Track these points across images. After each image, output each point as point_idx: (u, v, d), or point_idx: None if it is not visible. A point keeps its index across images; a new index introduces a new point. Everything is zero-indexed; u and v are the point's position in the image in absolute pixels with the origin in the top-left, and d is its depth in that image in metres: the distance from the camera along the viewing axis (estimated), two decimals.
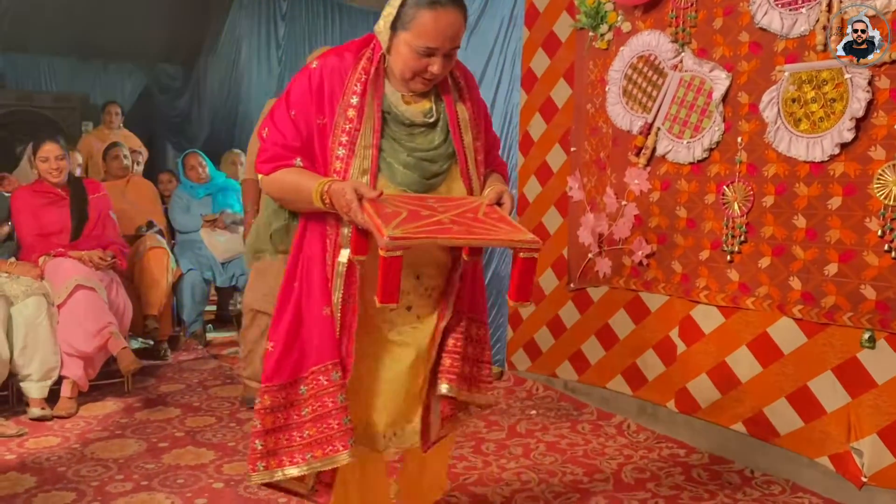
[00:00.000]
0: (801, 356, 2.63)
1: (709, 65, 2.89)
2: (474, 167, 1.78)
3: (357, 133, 1.69)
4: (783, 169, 2.65)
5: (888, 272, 2.36)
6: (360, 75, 1.73)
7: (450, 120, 1.77)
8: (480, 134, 1.83)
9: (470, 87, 1.84)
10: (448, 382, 1.82)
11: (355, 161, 1.69)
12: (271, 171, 1.73)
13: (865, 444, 2.43)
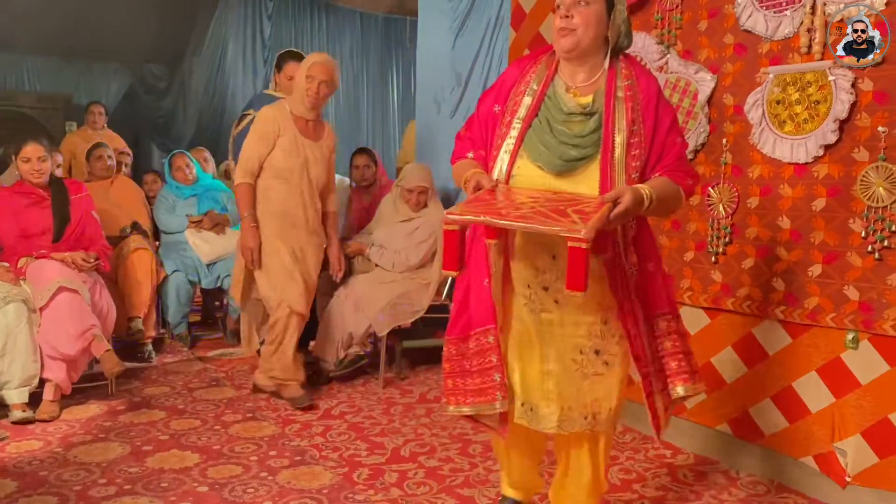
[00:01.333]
0: (786, 357, 2.64)
1: (694, 66, 2.90)
2: (621, 162, 1.87)
3: (516, 111, 1.95)
4: (768, 170, 2.66)
5: (871, 273, 2.37)
6: (537, 68, 2.00)
7: (605, 116, 1.90)
8: (641, 138, 1.91)
9: (645, 94, 1.94)
10: (683, 383, 2.01)
11: (507, 140, 1.94)
12: (452, 162, 2.08)
13: (849, 444, 2.45)
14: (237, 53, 7.75)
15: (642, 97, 1.93)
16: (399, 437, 3.16)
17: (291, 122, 3.48)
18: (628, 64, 1.97)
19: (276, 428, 3.25)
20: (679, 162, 1.96)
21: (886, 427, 2.35)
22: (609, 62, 1.95)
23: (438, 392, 3.83)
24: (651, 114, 1.93)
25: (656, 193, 1.85)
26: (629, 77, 1.94)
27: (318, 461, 2.88)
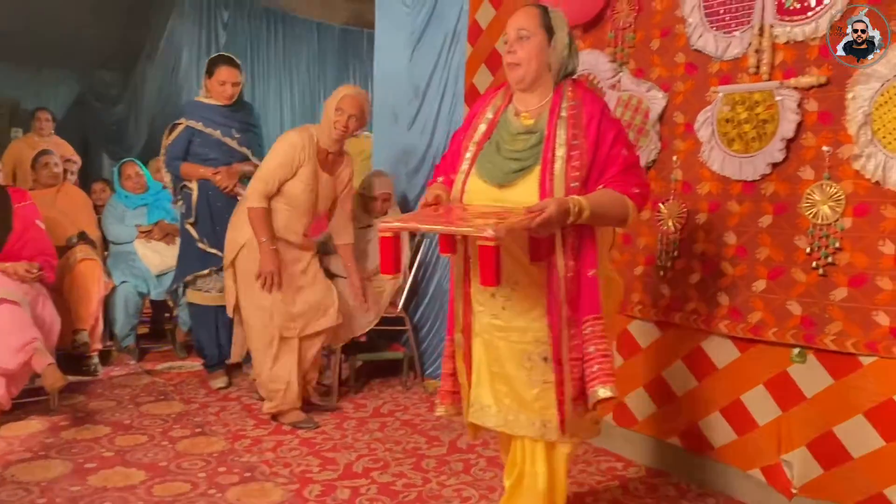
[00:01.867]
0: (734, 371, 2.69)
1: (646, 84, 2.95)
2: (560, 174, 2.01)
3: (472, 136, 2.17)
4: (716, 187, 2.72)
5: (815, 289, 2.43)
6: (495, 99, 2.22)
7: (547, 133, 2.05)
8: (582, 152, 2.03)
9: (588, 113, 2.06)
10: (603, 385, 2.02)
11: (463, 162, 2.15)
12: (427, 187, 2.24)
13: (795, 456, 2.50)
14: (191, 61, 7.63)
15: (585, 116, 2.06)
16: (352, 453, 3.12)
17: (315, 154, 3.44)
18: (574, 87, 2.12)
19: (226, 443, 3.19)
20: (624, 173, 2.05)
21: (831, 439, 2.41)
22: (556, 85, 2.12)
23: (393, 406, 3.81)
24: (593, 130, 2.04)
25: (591, 204, 1.96)
26: (574, 98, 2.09)
27: (268, 477, 2.83)
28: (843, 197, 2.36)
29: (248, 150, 4.02)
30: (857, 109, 2.31)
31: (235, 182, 3.95)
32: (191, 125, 3.92)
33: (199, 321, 4.10)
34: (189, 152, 3.95)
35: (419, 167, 4.24)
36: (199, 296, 4.03)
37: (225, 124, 3.97)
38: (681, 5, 2.81)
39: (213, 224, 3.93)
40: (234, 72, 3.95)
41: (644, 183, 2.11)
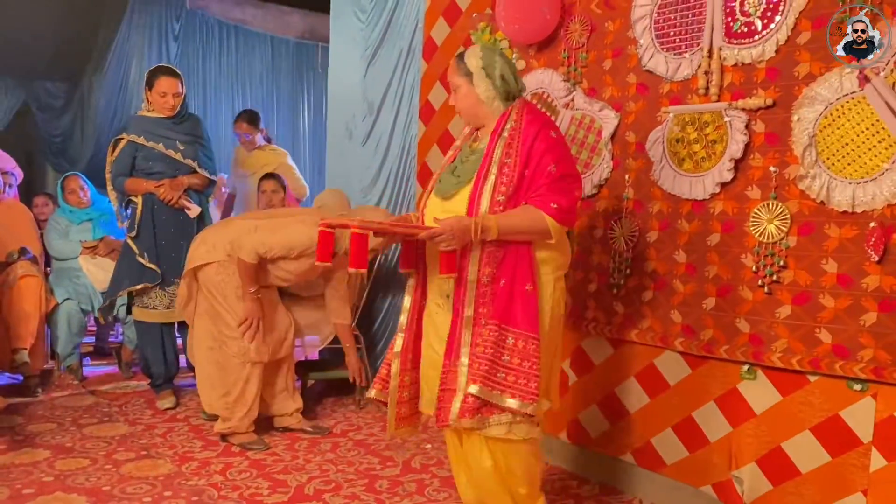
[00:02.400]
0: (686, 387, 2.72)
1: (598, 104, 2.98)
2: (489, 190, 2.20)
3: (443, 163, 2.47)
4: (667, 206, 2.75)
5: (761, 307, 2.47)
6: (466, 130, 2.47)
7: (486, 152, 2.26)
8: (511, 170, 2.21)
9: (524, 133, 2.23)
10: (512, 398, 2.15)
11: (430, 184, 2.44)
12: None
13: (745, 471, 2.53)
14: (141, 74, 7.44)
15: (521, 135, 2.23)
16: (303, 475, 3.06)
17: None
18: (519, 108, 2.29)
19: (173, 466, 3.09)
20: (549, 187, 2.19)
21: (779, 455, 2.44)
22: (505, 109, 2.30)
23: (346, 426, 3.75)
24: (526, 148, 2.21)
25: (501, 222, 2.16)
26: (516, 120, 2.27)
27: (216, 501, 2.75)
28: (788, 216, 2.41)
29: (193, 161, 3.95)
30: (802, 131, 2.37)
31: (180, 194, 3.87)
32: (132, 139, 3.85)
33: (145, 339, 4.00)
34: (134, 167, 3.87)
35: (374, 183, 4.21)
36: (145, 313, 3.93)
37: (168, 137, 3.89)
38: (632, 27, 2.85)
39: (156, 238, 3.86)
40: (175, 82, 3.88)
41: (568, 198, 2.20)
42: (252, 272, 3.32)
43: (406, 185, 4.02)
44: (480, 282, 2.19)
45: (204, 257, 3.40)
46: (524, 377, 2.15)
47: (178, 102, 3.88)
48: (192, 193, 3.96)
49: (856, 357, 2.25)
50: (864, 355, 2.23)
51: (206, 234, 3.51)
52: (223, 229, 3.49)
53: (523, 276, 2.19)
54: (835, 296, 2.30)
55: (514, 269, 2.20)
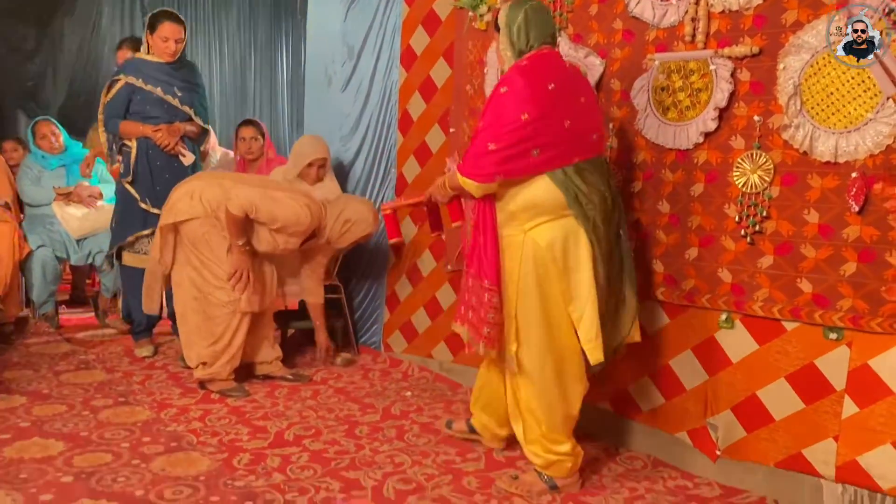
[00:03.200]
0: (664, 336, 2.74)
1: (584, 50, 2.93)
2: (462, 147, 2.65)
3: None
4: (651, 155, 2.74)
5: (743, 256, 2.48)
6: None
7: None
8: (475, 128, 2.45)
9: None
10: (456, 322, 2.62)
11: None
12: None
13: (720, 419, 2.57)
14: (114, 16, 7.26)
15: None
16: (283, 421, 3.06)
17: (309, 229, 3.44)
18: (513, 65, 2.42)
19: (151, 413, 3.09)
20: (470, 147, 2.41)
21: (754, 403, 2.48)
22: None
23: (326, 374, 3.76)
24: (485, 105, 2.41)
25: (448, 178, 2.53)
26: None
27: (195, 447, 2.76)
28: (771, 166, 2.40)
29: (190, 108, 3.86)
30: (787, 80, 2.35)
31: (177, 140, 3.80)
32: (130, 82, 3.73)
33: (130, 284, 3.93)
34: (129, 110, 3.78)
35: (354, 130, 4.14)
36: (136, 258, 3.85)
37: (167, 82, 3.79)
38: None
39: (154, 184, 3.78)
40: (179, 28, 3.76)
41: (471, 153, 2.39)
42: (240, 225, 3.28)
43: (387, 133, 3.96)
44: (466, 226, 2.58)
45: (188, 212, 3.33)
46: (479, 320, 2.42)
47: (179, 49, 3.78)
48: (186, 141, 3.89)
49: (835, 306, 2.27)
50: (842, 304, 2.26)
51: (190, 187, 3.42)
52: (211, 185, 3.39)
53: (491, 232, 2.41)
54: (816, 246, 2.31)
55: (484, 224, 2.41)
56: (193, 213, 3.33)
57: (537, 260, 2.36)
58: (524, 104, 2.29)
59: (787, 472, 2.42)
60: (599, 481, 2.58)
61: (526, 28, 2.39)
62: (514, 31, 2.40)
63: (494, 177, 2.34)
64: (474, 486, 2.50)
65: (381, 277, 4.05)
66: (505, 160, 2.31)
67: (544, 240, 2.35)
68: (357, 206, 3.55)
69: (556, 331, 2.40)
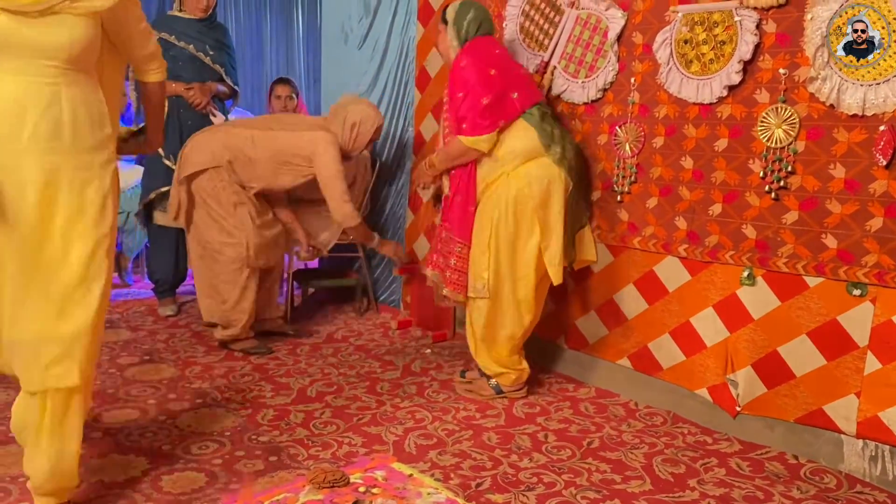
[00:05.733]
0: (685, 293, 2.73)
1: (605, 3, 2.87)
2: (441, 127, 2.94)
3: None
4: (673, 110, 2.69)
5: (767, 213, 2.45)
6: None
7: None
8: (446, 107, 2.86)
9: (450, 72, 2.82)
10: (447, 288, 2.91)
11: None
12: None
13: (740, 375, 2.57)
14: None
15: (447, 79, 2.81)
16: (305, 378, 3.11)
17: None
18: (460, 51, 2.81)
19: (176, 370, 3.14)
20: (456, 112, 2.74)
21: (775, 359, 2.47)
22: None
23: (346, 332, 3.79)
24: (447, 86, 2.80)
25: (437, 156, 2.87)
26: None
27: (220, 403, 2.80)
28: (797, 120, 2.36)
29: (221, 68, 3.85)
30: (814, 31, 2.29)
31: (208, 100, 3.79)
32: (163, 37, 3.70)
33: (158, 244, 3.97)
34: None
35: (371, 88, 4.11)
36: (166, 217, 3.87)
37: (199, 39, 3.77)
38: None
39: (182, 142, 3.77)
40: None
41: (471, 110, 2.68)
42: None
43: (405, 90, 3.93)
44: (447, 196, 2.88)
45: (201, 163, 3.33)
46: (457, 275, 2.82)
47: (211, 4, 3.76)
48: (216, 102, 3.89)
49: (860, 262, 2.25)
50: (867, 260, 2.23)
51: (201, 140, 3.42)
52: (221, 136, 3.40)
53: (469, 196, 2.79)
54: (842, 201, 2.28)
55: (465, 190, 2.79)
56: (203, 164, 3.33)
57: (518, 196, 2.71)
58: (487, 66, 2.72)
59: (806, 427, 2.43)
60: (619, 437, 2.61)
61: (476, 24, 2.82)
62: (463, 25, 2.81)
63: (498, 123, 2.70)
64: (494, 442, 2.53)
65: (399, 236, 4.06)
66: (498, 108, 2.69)
67: (526, 178, 2.71)
68: (356, 107, 3.47)
69: (520, 262, 2.77)
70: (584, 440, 2.57)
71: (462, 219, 2.80)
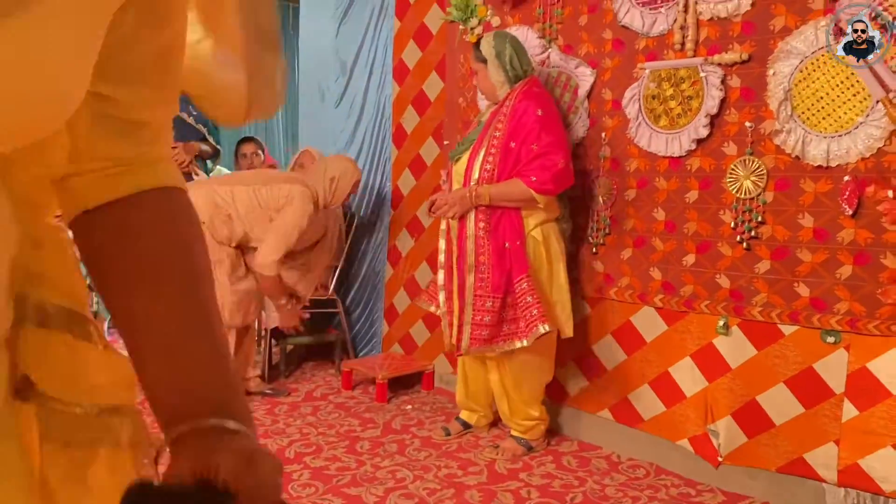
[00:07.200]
0: (663, 343, 2.74)
1: (574, 61, 2.95)
2: (479, 160, 2.76)
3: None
4: (644, 163, 2.75)
5: (740, 262, 2.49)
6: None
7: (483, 128, 2.83)
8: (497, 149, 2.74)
9: (513, 114, 2.73)
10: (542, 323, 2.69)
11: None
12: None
13: (721, 425, 2.56)
14: None
15: (510, 112, 2.72)
16: (283, 438, 3.06)
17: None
18: (519, 88, 2.75)
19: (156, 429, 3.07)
20: (530, 164, 2.68)
21: (754, 408, 2.48)
22: (510, 89, 2.78)
23: (326, 389, 3.75)
24: (512, 124, 2.71)
25: (492, 190, 2.71)
26: (514, 98, 2.74)
27: None
28: (764, 172, 2.41)
29: (203, 128, 3.91)
30: (777, 86, 2.36)
31: (191, 159, 3.83)
32: None
33: None
34: None
35: (348, 146, 4.15)
36: None
37: (183, 99, 3.80)
38: None
39: None
40: None
41: (547, 171, 2.64)
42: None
43: (382, 147, 3.97)
44: (478, 235, 2.74)
45: None
46: (526, 316, 2.68)
47: None
48: (198, 161, 3.93)
49: (832, 309, 2.28)
50: (839, 307, 2.26)
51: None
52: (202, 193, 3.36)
53: (514, 234, 2.73)
54: (812, 250, 2.32)
55: (507, 232, 2.73)
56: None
57: (545, 252, 2.77)
58: (559, 122, 2.75)
59: (788, 476, 2.42)
60: (602, 491, 2.58)
61: (518, 56, 2.77)
62: (505, 60, 2.75)
63: (561, 188, 2.73)
64: (477, 500, 2.49)
65: (378, 290, 4.05)
66: (566, 174, 2.71)
67: (543, 236, 2.77)
68: (335, 163, 3.56)
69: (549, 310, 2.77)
70: (568, 496, 2.54)
71: (509, 264, 2.72)
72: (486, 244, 2.73)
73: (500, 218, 2.74)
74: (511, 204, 2.72)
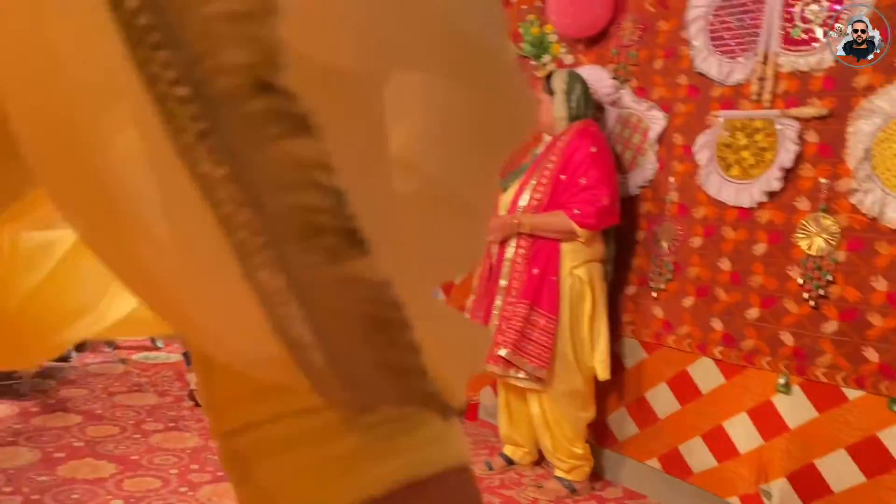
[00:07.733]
0: (719, 396, 2.68)
1: (646, 104, 2.94)
2: (528, 191, 2.84)
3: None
4: (712, 212, 2.71)
5: (806, 320, 2.43)
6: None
7: (536, 160, 2.92)
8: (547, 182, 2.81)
9: (566, 152, 2.79)
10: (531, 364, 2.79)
11: None
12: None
13: (775, 486, 2.49)
14: None
15: (564, 147, 2.79)
16: None
17: None
18: (576, 128, 2.81)
19: (200, 440, 3.13)
20: (573, 196, 2.74)
21: (811, 472, 2.40)
22: (568, 126, 2.84)
23: None
24: (564, 159, 2.77)
25: (532, 220, 2.78)
26: (568, 136, 2.80)
27: None
28: (838, 230, 2.36)
29: None
30: (857, 144, 2.31)
31: None
32: None
33: None
34: None
35: None
36: None
37: None
38: (686, 27, 2.80)
39: None
40: None
41: (591, 206, 2.71)
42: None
43: None
44: (515, 261, 2.81)
45: None
46: (541, 348, 2.75)
47: None
48: None
49: None
50: None
51: None
52: None
53: (553, 267, 2.78)
54: (884, 314, 2.25)
55: (547, 261, 2.78)
56: None
57: (590, 291, 2.81)
58: (610, 162, 2.80)
59: None
60: None
61: (585, 98, 2.84)
62: (572, 98, 2.82)
63: (604, 225, 2.79)
64: None
65: None
66: (611, 211, 2.76)
67: (589, 275, 2.81)
68: None
69: (587, 350, 2.84)
70: None
71: (541, 289, 2.78)
72: (521, 270, 2.80)
73: (541, 248, 2.79)
74: (551, 234, 2.77)
